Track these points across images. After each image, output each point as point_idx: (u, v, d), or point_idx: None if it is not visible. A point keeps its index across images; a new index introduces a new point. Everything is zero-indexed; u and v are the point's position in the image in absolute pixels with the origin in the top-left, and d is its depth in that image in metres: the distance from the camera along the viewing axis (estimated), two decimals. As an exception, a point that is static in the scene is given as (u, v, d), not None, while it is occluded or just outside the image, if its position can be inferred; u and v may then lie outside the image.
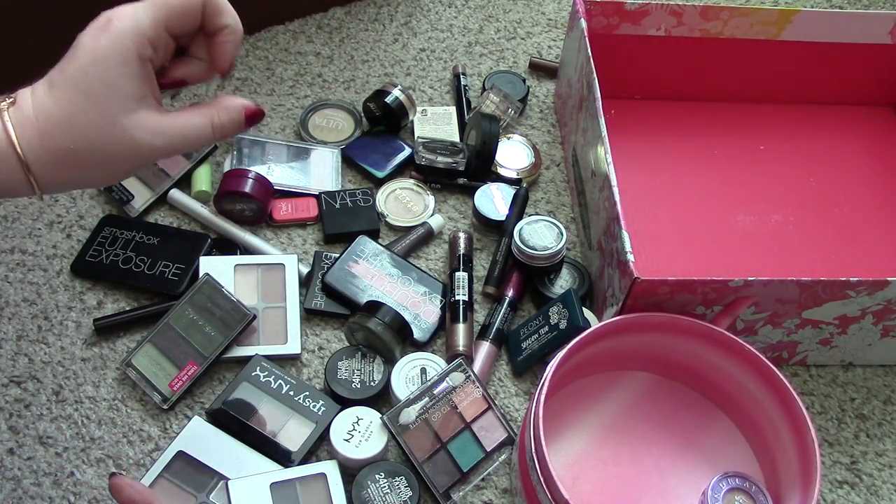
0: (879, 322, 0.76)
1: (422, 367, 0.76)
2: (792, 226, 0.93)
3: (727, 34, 0.95)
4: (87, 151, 0.51)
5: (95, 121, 0.51)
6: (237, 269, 0.82)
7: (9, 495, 0.70)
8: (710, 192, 0.95)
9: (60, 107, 0.51)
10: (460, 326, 0.79)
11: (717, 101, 1.03)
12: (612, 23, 0.93)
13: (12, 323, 0.80)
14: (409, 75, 1.04)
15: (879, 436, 0.79)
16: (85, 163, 0.51)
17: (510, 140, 0.95)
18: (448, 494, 0.71)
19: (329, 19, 1.09)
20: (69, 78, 0.51)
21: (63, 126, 0.51)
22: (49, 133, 0.50)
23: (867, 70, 1.00)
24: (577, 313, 0.76)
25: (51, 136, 0.50)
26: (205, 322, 0.77)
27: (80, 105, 0.51)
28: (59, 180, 0.52)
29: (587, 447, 0.74)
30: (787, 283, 0.70)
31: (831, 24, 0.95)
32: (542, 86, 1.05)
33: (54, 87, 0.52)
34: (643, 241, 0.87)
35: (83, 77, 0.51)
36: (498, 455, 0.73)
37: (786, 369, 0.83)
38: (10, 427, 0.74)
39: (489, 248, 0.88)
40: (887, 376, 0.83)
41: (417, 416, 0.72)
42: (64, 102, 0.51)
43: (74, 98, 0.51)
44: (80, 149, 0.51)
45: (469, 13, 1.12)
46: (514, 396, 0.79)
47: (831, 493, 0.76)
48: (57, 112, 0.51)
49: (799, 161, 0.99)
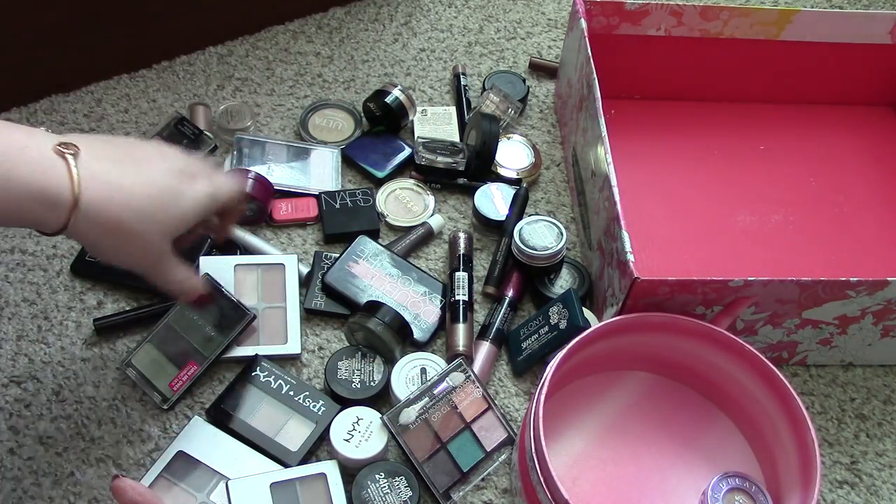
0: (879, 322, 0.76)
1: (422, 367, 0.76)
2: (792, 226, 0.93)
3: (727, 34, 0.95)
4: (128, 240, 0.60)
5: (148, 236, 0.61)
6: (237, 269, 0.82)
7: (9, 495, 0.70)
8: (710, 192, 0.95)
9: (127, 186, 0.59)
10: (460, 326, 0.79)
11: (717, 101, 1.03)
12: (612, 23, 0.93)
13: (12, 323, 0.80)
14: (409, 75, 1.04)
15: (879, 436, 0.79)
16: (121, 239, 0.60)
17: (510, 140, 0.95)
18: (448, 494, 0.71)
19: (329, 19, 1.09)
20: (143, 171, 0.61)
21: (119, 203, 0.58)
22: (105, 198, 0.58)
23: (867, 70, 1.00)
24: (577, 313, 0.76)
25: (106, 201, 0.58)
26: (205, 322, 0.77)
27: (141, 216, 0.60)
28: (90, 239, 0.59)
29: (587, 447, 0.74)
30: (787, 283, 0.70)
31: (831, 24, 0.95)
32: (542, 86, 1.05)
33: (119, 165, 0.60)
34: (643, 241, 0.87)
35: (167, 197, 0.62)
36: (498, 455, 0.73)
37: (786, 369, 0.83)
38: (10, 427, 0.74)
39: (489, 248, 0.88)
40: (887, 376, 0.83)
41: (417, 416, 0.72)
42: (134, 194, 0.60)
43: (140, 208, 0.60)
44: (124, 231, 0.59)
45: (469, 13, 1.12)
46: (514, 396, 0.79)
47: (831, 493, 0.76)
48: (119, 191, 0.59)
49: (799, 161, 0.99)
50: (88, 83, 0.98)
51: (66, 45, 0.93)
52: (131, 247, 0.60)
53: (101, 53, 0.96)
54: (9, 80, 0.92)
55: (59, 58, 0.94)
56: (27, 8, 0.87)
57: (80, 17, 0.91)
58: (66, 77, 0.96)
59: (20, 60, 0.91)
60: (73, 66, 0.95)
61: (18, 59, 0.91)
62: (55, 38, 0.92)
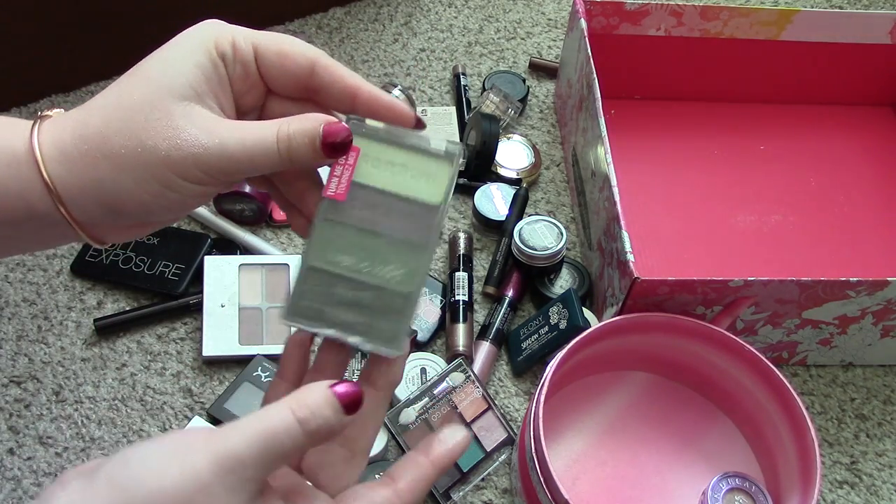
0: (879, 322, 0.76)
1: (422, 367, 0.76)
2: (792, 226, 0.93)
3: (727, 34, 0.95)
4: (118, 135, 0.41)
5: (138, 98, 0.41)
6: (241, 269, 0.82)
7: (9, 495, 0.70)
8: (709, 192, 0.95)
9: (105, 92, 0.42)
10: (460, 326, 0.79)
11: (717, 101, 1.03)
12: (612, 23, 0.93)
13: (12, 323, 0.80)
14: (409, 75, 1.04)
15: (879, 436, 0.79)
16: (113, 154, 0.41)
17: (510, 140, 0.95)
18: (448, 494, 0.71)
19: (329, 19, 1.09)
20: (129, 71, 0.43)
21: (99, 108, 0.42)
22: (80, 118, 0.42)
23: (867, 70, 1.00)
24: (577, 313, 0.76)
25: (82, 120, 0.42)
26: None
27: (125, 84, 0.42)
28: (79, 183, 0.41)
29: (587, 447, 0.74)
30: (787, 283, 0.70)
31: (831, 24, 0.95)
32: (542, 86, 1.05)
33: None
34: (643, 241, 0.87)
35: (143, 62, 0.43)
36: (498, 455, 0.73)
37: (786, 369, 0.83)
38: (10, 427, 0.74)
39: (489, 248, 0.88)
40: (887, 376, 0.83)
41: (417, 416, 0.72)
42: (111, 87, 0.42)
43: (123, 79, 0.43)
44: (110, 132, 0.41)
45: (469, 13, 1.12)
46: (514, 396, 0.79)
47: (831, 493, 0.76)
48: (99, 98, 0.42)
49: (799, 161, 0.99)
50: (88, 83, 0.98)
51: (66, 45, 0.93)
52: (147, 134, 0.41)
53: (101, 53, 0.96)
54: (9, 80, 0.92)
55: (59, 58, 0.94)
56: (27, 8, 0.87)
57: (80, 17, 0.91)
58: (66, 77, 0.96)
59: (20, 60, 0.91)
60: (73, 66, 0.95)
61: (18, 59, 0.91)
62: (55, 38, 0.92)
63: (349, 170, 0.43)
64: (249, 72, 0.44)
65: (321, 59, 0.44)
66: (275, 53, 0.44)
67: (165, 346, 0.79)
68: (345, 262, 0.42)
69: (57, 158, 0.41)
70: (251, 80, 0.45)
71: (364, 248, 0.43)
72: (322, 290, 0.42)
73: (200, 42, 0.43)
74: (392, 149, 0.43)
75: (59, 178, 0.41)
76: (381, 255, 0.42)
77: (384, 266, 0.42)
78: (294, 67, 0.44)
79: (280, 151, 0.42)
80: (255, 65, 0.44)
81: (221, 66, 0.43)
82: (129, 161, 0.41)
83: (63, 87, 0.96)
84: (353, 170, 0.43)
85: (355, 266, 0.42)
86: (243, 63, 0.44)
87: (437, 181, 0.43)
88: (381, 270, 0.42)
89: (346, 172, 0.43)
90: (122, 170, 0.41)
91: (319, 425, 0.38)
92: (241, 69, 0.44)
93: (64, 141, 0.41)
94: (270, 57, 0.44)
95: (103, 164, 0.41)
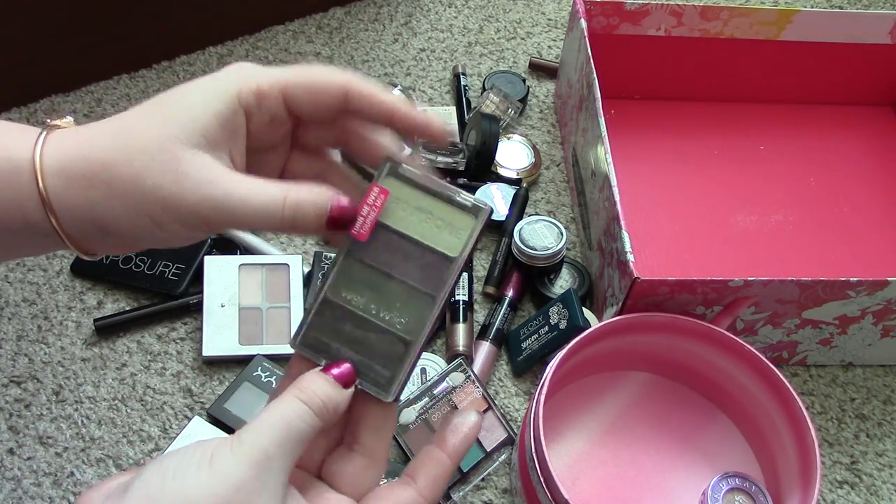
0: (879, 322, 0.76)
1: (422, 368, 0.76)
2: (792, 226, 0.93)
3: (727, 34, 0.95)
4: (122, 167, 0.40)
5: (151, 136, 0.41)
6: (241, 269, 0.82)
7: (9, 495, 0.70)
8: (710, 192, 0.95)
9: (120, 117, 0.43)
10: (460, 326, 0.79)
11: (717, 101, 1.03)
12: (612, 23, 0.93)
13: (12, 323, 0.80)
14: (409, 75, 1.04)
15: (879, 436, 0.79)
16: (113, 182, 0.40)
17: (510, 140, 0.95)
18: (448, 494, 0.71)
19: (329, 19, 1.09)
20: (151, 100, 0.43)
21: (110, 134, 0.42)
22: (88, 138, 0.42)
23: (867, 70, 1.00)
24: (577, 313, 0.76)
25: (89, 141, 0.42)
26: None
27: (142, 116, 0.42)
28: (74, 200, 0.41)
29: (587, 447, 0.74)
30: (787, 283, 0.70)
31: (831, 24, 0.95)
32: (542, 86, 1.05)
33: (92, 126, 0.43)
34: (643, 241, 0.87)
35: (165, 96, 0.43)
36: (498, 455, 0.73)
37: (786, 369, 0.83)
38: (10, 427, 0.74)
39: (489, 248, 0.88)
40: (887, 376, 0.83)
41: (417, 416, 0.72)
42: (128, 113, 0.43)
43: (142, 109, 0.43)
44: (115, 161, 0.41)
45: (469, 13, 1.12)
46: (514, 396, 0.79)
47: (831, 493, 0.76)
48: (113, 122, 0.42)
49: (799, 161, 0.99)
50: (88, 83, 0.98)
51: (66, 45, 0.93)
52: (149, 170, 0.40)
53: (101, 53, 0.96)
54: (9, 80, 0.92)
55: (59, 58, 0.94)
56: (27, 8, 0.87)
57: (80, 17, 0.91)
58: (66, 77, 0.96)
59: (20, 60, 0.91)
60: (73, 66, 0.95)
61: (18, 59, 0.91)
62: (55, 38, 0.92)
63: (375, 211, 0.44)
64: (277, 117, 0.45)
65: (352, 86, 0.44)
66: (304, 91, 0.44)
67: (165, 346, 0.79)
68: (357, 301, 0.44)
69: (57, 172, 0.41)
70: (278, 121, 0.45)
71: (377, 289, 0.44)
72: (332, 326, 0.44)
73: (225, 90, 0.43)
74: (422, 195, 0.44)
75: (54, 191, 0.41)
76: (392, 299, 0.43)
77: (392, 311, 0.43)
78: (326, 99, 0.44)
79: (285, 217, 0.42)
80: (284, 109, 0.44)
81: (242, 117, 0.43)
82: (127, 194, 0.41)
83: (63, 87, 0.96)
84: (380, 212, 0.44)
85: (366, 306, 0.43)
86: (270, 112, 0.44)
87: (460, 234, 0.43)
88: (388, 314, 0.43)
89: (372, 214, 0.44)
90: (118, 199, 0.41)
91: (325, 402, 0.40)
92: (268, 117, 0.44)
93: (67, 156, 0.41)
94: (300, 95, 0.44)
95: (101, 188, 0.41)
